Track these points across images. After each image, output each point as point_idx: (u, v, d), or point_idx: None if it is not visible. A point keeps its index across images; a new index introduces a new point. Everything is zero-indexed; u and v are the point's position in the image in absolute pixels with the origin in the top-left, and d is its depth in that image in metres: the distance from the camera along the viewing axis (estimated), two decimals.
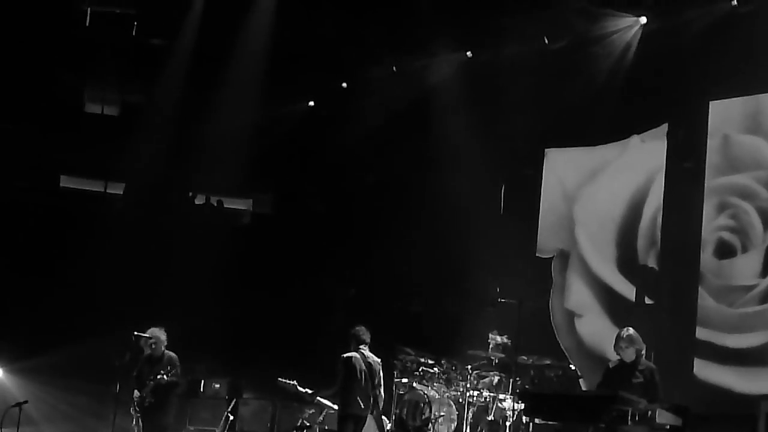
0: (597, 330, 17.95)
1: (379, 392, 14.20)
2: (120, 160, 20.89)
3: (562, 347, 18.24)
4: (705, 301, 16.70)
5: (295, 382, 14.65)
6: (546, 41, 18.20)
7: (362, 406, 13.97)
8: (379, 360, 14.20)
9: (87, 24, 20.81)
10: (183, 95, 20.40)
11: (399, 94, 19.78)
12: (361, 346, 14.15)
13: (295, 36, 19.37)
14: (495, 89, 18.61)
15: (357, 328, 14.28)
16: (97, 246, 19.48)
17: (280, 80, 20.30)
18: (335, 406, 14.47)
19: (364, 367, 14.03)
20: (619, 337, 13.24)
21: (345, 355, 14.04)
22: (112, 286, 19.23)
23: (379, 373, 14.17)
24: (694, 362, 16.57)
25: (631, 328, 13.25)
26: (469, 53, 19.28)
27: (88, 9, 20.80)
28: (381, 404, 14.29)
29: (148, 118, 20.94)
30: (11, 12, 19.49)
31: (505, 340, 15.50)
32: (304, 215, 21.47)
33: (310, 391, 14.60)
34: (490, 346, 15.56)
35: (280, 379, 14.82)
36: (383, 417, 14.51)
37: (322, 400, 14.97)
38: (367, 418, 14.02)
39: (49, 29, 19.99)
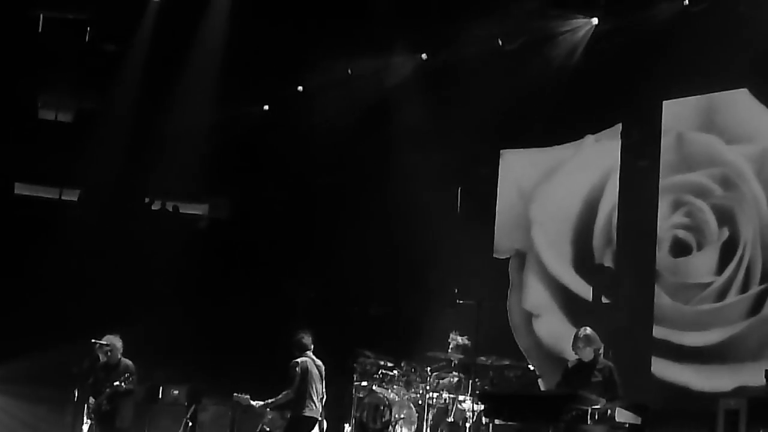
0: (555, 330, 18.02)
1: (323, 395, 14.29)
2: (75, 166, 20.73)
3: (520, 348, 18.31)
4: (661, 299, 16.79)
5: (248, 396, 14.63)
6: (500, 43, 18.25)
7: (317, 409, 14.08)
8: (322, 364, 14.26)
9: (39, 30, 20.67)
10: (137, 100, 20.29)
11: (355, 97, 19.77)
12: (306, 352, 14.20)
13: (249, 39, 19.30)
14: (450, 91, 18.66)
15: (301, 333, 14.32)
16: (54, 254, 19.33)
17: (235, 84, 20.23)
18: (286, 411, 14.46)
19: (316, 372, 14.10)
20: (576, 337, 13.32)
21: (300, 361, 14.10)
22: (69, 293, 19.13)
23: (323, 378, 14.26)
24: (652, 361, 16.64)
25: (588, 328, 13.32)
26: (424, 55, 19.32)
27: (41, 15, 20.66)
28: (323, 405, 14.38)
29: (102, 124, 20.79)
30: None
31: (465, 341, 15.51)
32: (261, 219, 21.41)
33: (263, 403, 14.56)
34: (450, 346, 15.54)
35: (235, 394, 14.80)
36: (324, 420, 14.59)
37: (274, 410, 14.89)
38: None
39: (2, 36, 19.80)
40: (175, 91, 20.25)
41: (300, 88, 20.92)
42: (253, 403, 14.54)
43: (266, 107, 21.82)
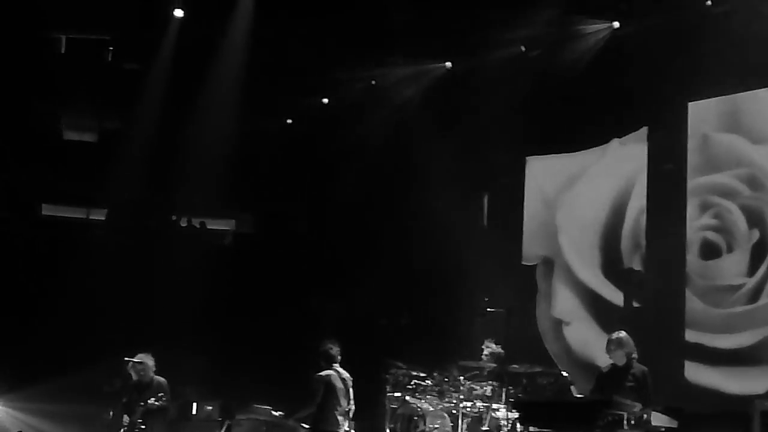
0: (585, 336, 17.98)
1: (351, 407, 14.23)
2: (100, 186, 20.82)
3: (551, 354, 18.26)
4: (692, 302, 16.70)
5: (269, 408, 14.58)
6: (523, 49, 18.24)
7: (340, 424, 13.97)
8: (350, 376, 14.20)
9: (62, 51, 20.76)
10: (161, 118, 20.34)
11: (379, 108, 19.80)
12: (333, 364, 14.13)
13: (272, 53, 19.33)
14: (474, 99, 18.65)
15: (327, 345, 14.22)
16: (82, 273, 19.39)
17: (259, 99, 20.27)
18: (306, 426, 14.41)
19: (341, 385, 14.03)
20: (609, 341, 13.28)
21: (323, 374, 13.94)
22: (99, 312, 19.18)
23: (351, 389, 14.18)
24: (685, 365, 16.57)
25: (622, 332, 13.26)
26: (448, 64, 19.32)
27: (63, 36, 20.75)
28: (351, 418, 14.31)
29: (126, 143, 20.87)
30: None
31: (499, 349, 15.45)
32: (287, 233, 21.42)
33: (284, 414, 14.51)
34: (484, 353, 15.49)
35: (255, 405, 14.76)
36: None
37: (296, 423, 14.86)
38: None
39: (25, 58, 19.89)
40: (198, 108, 20.30)
41: (324, 100, 20.97)
42: (275, 413, 14.50)
43: (289, 121, 21.88)
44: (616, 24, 17.62)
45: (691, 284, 16.81)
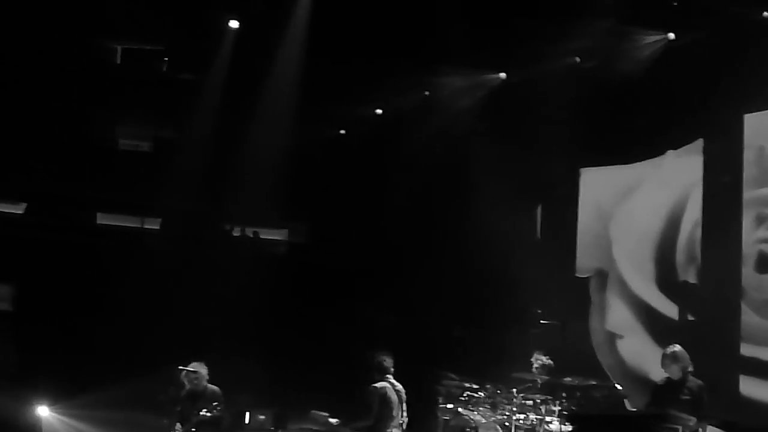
0: (639, 350, 17.87)
1: (405, 419, 14.20)
2: (155, 195, 20.94)
3: (604, 367, 18.17)
4: (748, 316, 16.54)
5: (326, 414, 14.59)
6: (578, 60, 18.19)
7: None
8: (403, 388, 14.17)
9: (118, 61, 20.90)
10: (215, 128, 20.44)
11: (432, 119, 19.81)
12: (386, 376, 14.11)
13: (326, 63, 19.36)
14: (529, 110, 18.59)
15: (381, 356, 14.21)
16: (137, 282, 19.51)
17: (313, 109, 20.33)
18: None
19: (395, 397, 14.00)
20: (664, 355, 13.26)
21: (377, 386, 13.91)
22: (153, 321, 19.27)
23: (404, 402, 14.14)
24: (740, 379, 16.42)
25: (677, 345, 13.21)
26: (503, 75, 19.29)
27: (118, 46, 20.90)
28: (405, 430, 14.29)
29: (181, 152, 20.99)
30: (41, 52, 19.59)
31: (549, 362, 15.40)
32: (340, 243, 21.44)
33: (341, 422, 14.52)
34: (534, 366, 15.44)
35: (312, 411, 14.77)
36: None
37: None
38: None
39: (80, 68, 20.06)
40: (252, 118, 20.38)
41: (378, 111, 21.01)
42: (332, 421, 14.49)
43: (342, 131, 21.93)
44: (672, 35, 17.51)
45: (746, 298, 16.65)
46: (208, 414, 14.89)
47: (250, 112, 20.38)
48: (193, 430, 14.91)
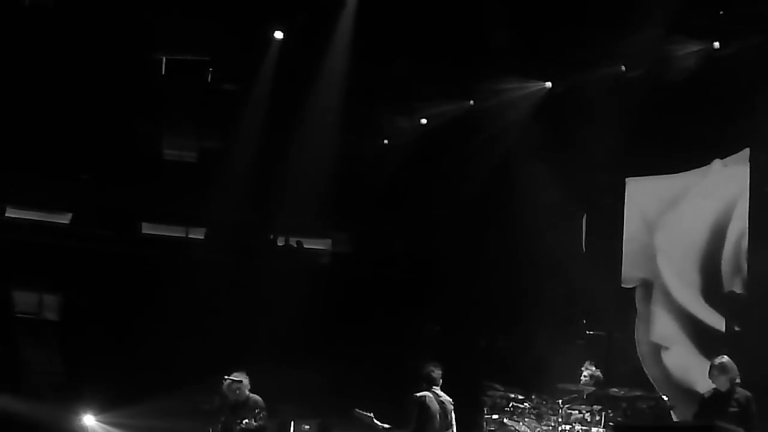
0: (684, 361, 17.77)
1: (454, 430, 14.13)
2: (200, 205, 21.02)
3: (649, 378, 18.07)
4: None
5: (371, 415, 14.58)
6: (623, 69, 18.13)
7: None
8: (450, 400, 14.10)
9: (162, 72, 21.04)
10: (259, 138, 20.51)
11: (477, 128, 19.79)
12: (433, 387, 14.06)
13: (370, 73, 19.40)
14: (574, 120, 18.54)
15: (429, 368, 14.17)
16: (182, 291, 19.59)
17: (357, 119, 20.37)
18: None
19: (438, 407, 13.93)
20: (712, 366, 13.14)
21: (418, 395, 13.90)
22: (198, 330, 19.33)
23: (452, 413, 14.07)
24: None
25: (725, 357, 13.11)
26: (548, 84, 19.26)
27: (163, 57, 21.03)
28: None
29: (225, 162, 21.07)
30: (88, 63, 19.75)
31: (599, 373, 15.31)
32: (384, 253, 21.45)
33: (387, 426, 14.52)
34: (583, 375, 15.35)
35: (357, 410, 14.77)
36: None
37: None
38: None
39: (126, 79, 20.20)
40: (295, 128, 20.44)
41: (423, 121, 21.02)
42: (377, 423, 14.48)
43: (386, 141, 21.94)
44: (717, 44, 17.41)
45: None
46: (252, 424, 14.91)
47: (294, 122, 20.44)
48: None
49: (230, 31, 19.36)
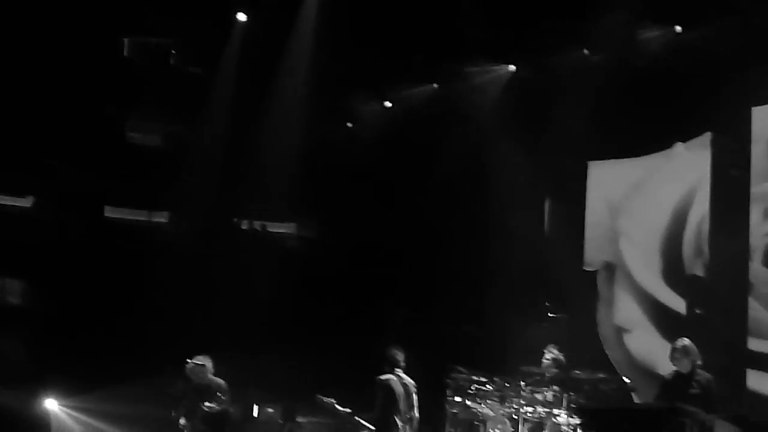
0: (646, 344, 17.87)
1: (414, 414, 14.18)
2: (163, 188, 20.95)
3: (611, 361, 18.17)
4: (756, 311, 16.51)
5: (333, 400, 14.63)
6: (586, 53, 18.19)
7: (400, 429, 13.93)
8: (414, 382, 14.16)
9: (124, 54, 20.90)
10: (224, 122, 20.45)
11: (442, 112, 19.82)
12: (396, 369, 14.11)
13: (335, 56, 19.37)
14: (537, 104, 18.61)
15: (392, 350, 14.25)
16: (144, 275, 19.54)
17: (322, 102, 20.34)
18: (372, 427, 14.44)
19: (401, 390, 13.99)
20: (674, 348, 13.25)
21: (382, 378, 13.98)
22: (162, 315, 19.28)
23: (414, 395, 14.14)
24: (747, 373, 16.41)
25: (686, 339, 13.23)
26: (512, 67, 19.29)
27: (125, 40, 20.90)
28: (416, 427, 14.26)
29: (190, 147, 21.01)
30: (48, 45, 19.60)
31: (561, 356, 15.39)
32: (350, 238, 21.44)
33: (349, 411, 14.57)
34: (545, 358, 15.43)
35: (319, 396, 14.81)
36: None
37: (361, 421, 14.89)
38: None
39: (88, 61, 20.06)
40: (261, 111, 20.38)
41: (387, 104, 21.02)
42: (339, 408, 14.53)
43: (349, 124, 21.92)
44: (679, 28, 17.49)
45: (754, 292, 16.63)
46: (215, 407, 14.92)
47: (260, 105, 20.39)
48: (199, 422, 14.93)
49: (193, 13, 19.27)
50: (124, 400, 18.35)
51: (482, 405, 15.38)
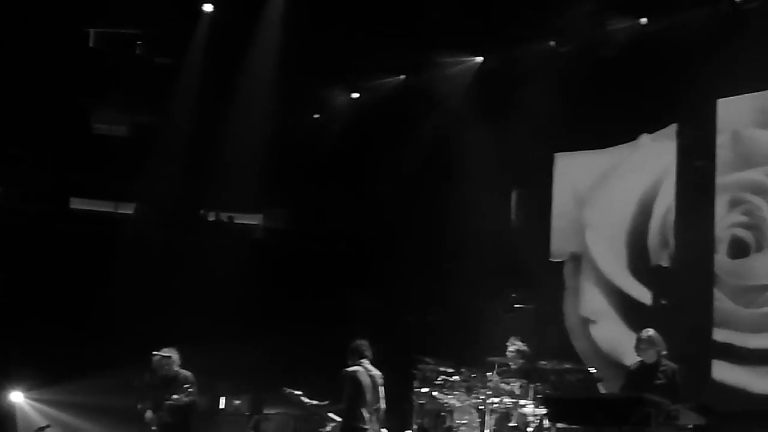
0: (612, 335, 17.92)
1: (380, 405, 14.19)
2: (130, 180, 20.88)
3: (578, 352, 18.23)
4: (721, 302, 16.60)
5: (300, 393, 14.63)
6: (553, 45, 18.23)
7: (366, 420, 13.94)
8: (380, 373, 14.17)
9: (91, 45, 20.80)
10: (191, 112, 20.39)
11: (410, 103, 19.82)
12: (362, 360, 14.13)
13: (303, 47, 19.33)
14: (505, 96, 18.63)
15: (358, 341, 14.25)
16: (111, 267, 19.48)
17: (290, 93, 20.30)
18: (339, 418, 14.45)
19: (368, 381, 14.00)
20: (639, 339, 13.26)
21: (349, 370, 13.97)
22: (128, 307, 19.21)
23: (381, 386, 14.15)
24: (712, 364, 16.50)
25: (651, 330, 13.25)
26: (479, 59, 19.30)
27: (92, 30, 20.79)
28: (382, 417, 14.28)
29: (157, 137, 20.93)
30: (16, 36, 19.49)
31: (524, 346, 15.43)
32: (317, 228, 21.43)
33: (315, 403, 14.58)
34: (509, 350, 15.47)
35: (286, 388, 14.80)
36: (383, 429, 14.46)
37: (328, 412, 14.90)
38: None
39: (54, 52, 19.95)
40: (228, 102, 20.33)
41: (355, 95, 21.00)
42: (306, 400, 14.54)
43: (316, 116, 21.88)
44: (644, 20, 17.54)
45: (720, 283, 16.72)
46: (183, 399, 14.90)
47: (227, 96, 20.33)
48: (166, 414, 14.91)
49: (160, 3, 19.20)
50: (91, 392, 18.32)
51: (449, 396, 15.40)
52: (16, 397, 19.20)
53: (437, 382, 15.56)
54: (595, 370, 15.72)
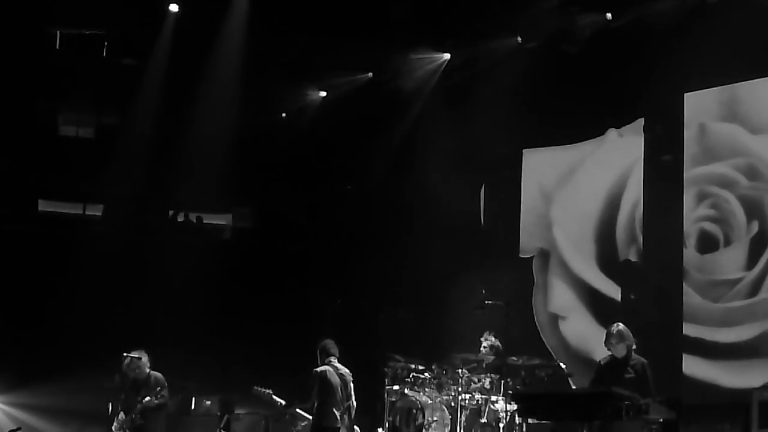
0: (582, 331, 17.98)
1: (351, 403, 14.19)
2: (97, 181, 20.79)
3: (548, 347, 18.25)
4: (690, 297, 16.67)
5: (270, 391, 14.60)
6: (519, 40, 18.25)
7: (337, 419, 13.92)
8: (349, 372, 14.17)
9: (57, 47, 20.71)
10: (158, 113, 20.31)
11: (376, 100, 19.81)
12: (330, 359, 14.11)
13: (268, 46, 19.30)
14: (472, 92, 18.64)
15: (325, 341, 14.23)
16: (80, 269, 19.39)
17: (256, 93, 20.24)
18: (309, 416, 14.44)
19: (338, 380, 14.00)
20: (609, 334, 13.25)
21: (318, 370, 13.94)
22: (97, 308, 19.13)
23: (351, 384, 14.14)
24: (683, 358, 16.55)
25: (621, 324, 13.24)
26: (447, 55, 19.30)
27: (57, 31, 20.70)
28: (353, 415, 14.28)
29: (123, 138, 20.83)
30: None
31: (497, 342, 15.44)
32: (285, 228, 21.39)
33: (284, 402, 14.55)
34: (483, 346, 15.48)
35: (255, 387, 14.77)
36: (355, 427, 14.46)
37: (299, 411, 14.88)
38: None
39: (20, 53, 19.84)
40: (195, 102, 20.27)
41: (323, 93, 20.97)
42: (276, 399, 14.52)
43: (284, 114, 21.84)
44: (609, 15, 17.57)
45: (688, 278, 16.78)
46: (153, 401, 14.85)
47: (193, 96, 20.27)
48: (137, 416, 14.85)
49: (126, 4, 19.12)
50: (60, 394, 18.24)
51: (420, 393, 15.40)
52: None
53: (408, 380, 15.56)
54: (565, 366, 15.74)
